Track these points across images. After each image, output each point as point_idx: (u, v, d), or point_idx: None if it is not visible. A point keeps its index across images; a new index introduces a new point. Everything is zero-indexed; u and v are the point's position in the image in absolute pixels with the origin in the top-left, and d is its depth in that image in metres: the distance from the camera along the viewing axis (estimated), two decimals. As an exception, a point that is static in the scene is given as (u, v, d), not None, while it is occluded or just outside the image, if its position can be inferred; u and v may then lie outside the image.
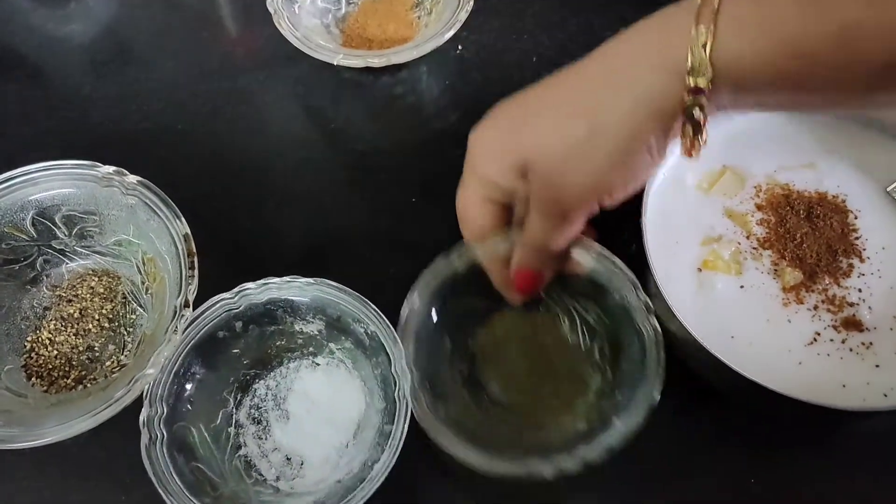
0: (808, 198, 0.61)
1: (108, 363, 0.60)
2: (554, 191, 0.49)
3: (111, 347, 0.61)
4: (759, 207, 0.60)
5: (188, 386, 0.57)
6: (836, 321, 0.56)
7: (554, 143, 0.48)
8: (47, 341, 0.61)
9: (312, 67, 0.73)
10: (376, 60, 0.67)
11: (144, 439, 0.53)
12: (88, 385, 0.59)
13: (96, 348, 0.61)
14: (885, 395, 0.53)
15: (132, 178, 0.60)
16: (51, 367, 0.60)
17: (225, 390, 0.59)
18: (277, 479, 0.57)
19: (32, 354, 0.61)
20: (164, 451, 0.53)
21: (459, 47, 0.77)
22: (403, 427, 0.53)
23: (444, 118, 0.74)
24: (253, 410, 0.60)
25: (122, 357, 0.60)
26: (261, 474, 0.57)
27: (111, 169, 0.61)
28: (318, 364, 0.61)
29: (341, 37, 0.75)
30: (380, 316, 0.57)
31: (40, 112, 0.76)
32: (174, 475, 0.53)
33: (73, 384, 0.59)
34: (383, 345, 0.56)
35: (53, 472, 0.60)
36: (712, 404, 0.60)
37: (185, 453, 0.55)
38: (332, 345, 0.61)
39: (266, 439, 0.59)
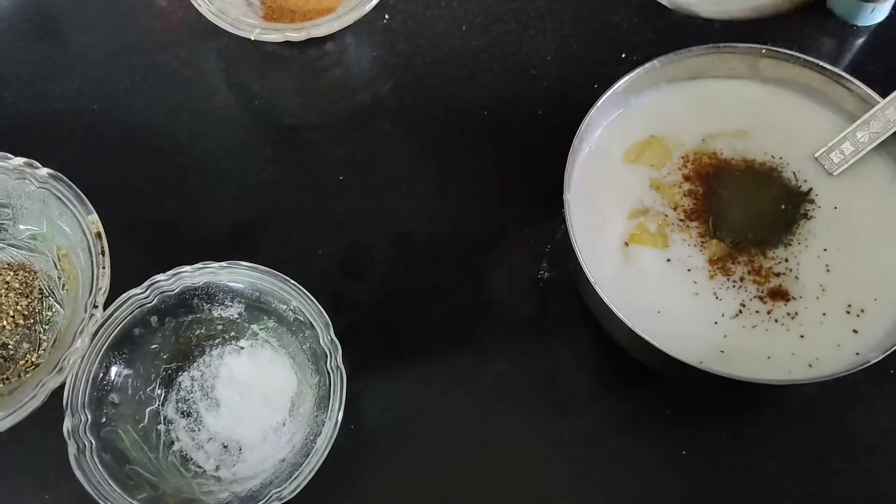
0: (736, 166, 0.60)
1: (21, 362, 0.58)
2: None
3: (25, 345, 0.59)
4: (686, 178, 0.60)
5: (109, 389, 0.55)
6: (762, 292, 0.56)
7: None
8: (-41, 338, 0.59)
9: (234, 42, 0.71)
10: (295, 34, 0.65)
11: (72, 450, 0.52)
12: (1, 385, 0.57)
13: (10, 346, 0.59)
14: (810, 366, 0.53)
15: (43, 171, 0.58)
16: (-38, 365, 0.58)
17: (148, 388, 0.58)
18: (217, 468, 0.57)
19: (-56, 351, 0.59)
20: (96, 458, 0.52)
21: (386, 17, 0.74)
22: (340, 398, 0.53)
23: (372, 91, 0.72)
24: (180, 404, 0.58)
25: (37, 356, 0.59)
26: (199, 466, 0.57)
27: (21, 161, 0.59)
28: (241, 347, 0.60)
29: (263, 9, 0.72)
30: (302, 291, 0.56)
31: (-51, 95, 0.73)
32: (109, 481, 0.52)
33: (-15, 384, 0.58)
34: (309, 319, 0.55)
35: (-27, 471, 0.59)
36: (642, 380, 0.60)
37: (117, 458, 0.54)
38: (254, 326, 0.60)
39: (199, 430, 0.58)
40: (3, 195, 0.59)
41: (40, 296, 0.61)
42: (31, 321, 0.60)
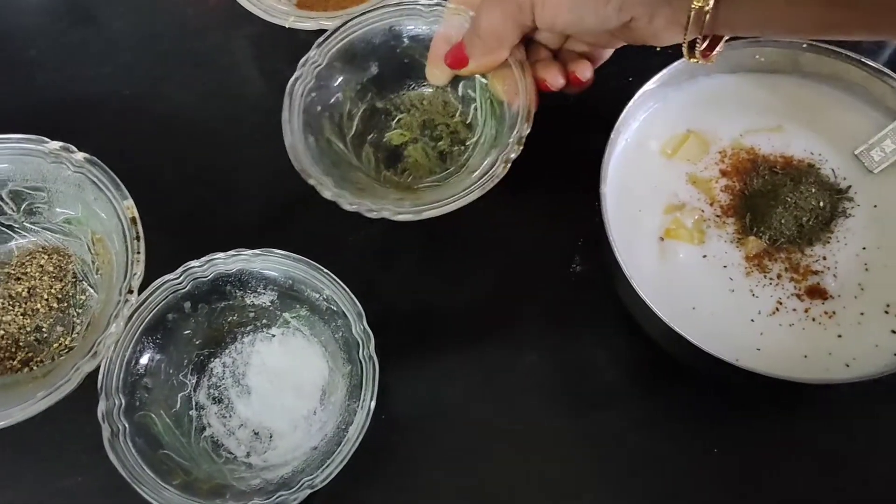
0: (774, 162, 0.59)
1: (55, 345, 0.59)
2: None
3: (59, 329, 0.60)
4: (723, 173, 0.59)
5: (142, 373, 0.55)
6: (799, 290, 0.55)
7: None
8: (-6, 320, 0.59)
9: (267, 28, 0.70)
10: (330, 23, 0.65)
11: (106, 433, 0.52)
12: (35, 367, 0.58)
13: (44, 329, 0.60)
14: (847, 366, 0.53)
15: (79, 155, 0.58)
16: (-4, 347, 0.59)
17: (180, 373, 0.58)
18: (248, 454, 0.57)
19: (-22, 334, 0.59)
20: (129, 442, 0.53)
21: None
22: (373, 387, 0.53)
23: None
24: (212, 390, 0.59)
25: (70, 339, 0.59)
26: (230, 452, 0.57)
27: (57, 145, 0.59)
28: (273, 335, 0.60)
29: (297, -4, 0.72)
30: (334, 279, 0.56)
31: (-16, 77, 0.73)
32: (143, 466, 0.52)
33: (20, 366, 0.58)
34: (342, 308, 0.55)
35: (5, 452, 0.59)
36: (674, 376, 0.60)
37: (150, 442, 0.54)
38: (286, 314, 0.60)
39: (230, 417, 0.58)
40: (39, 179, 0.60)
41: (74, 280, 0.61)
42: (65, 304, 0.60)
